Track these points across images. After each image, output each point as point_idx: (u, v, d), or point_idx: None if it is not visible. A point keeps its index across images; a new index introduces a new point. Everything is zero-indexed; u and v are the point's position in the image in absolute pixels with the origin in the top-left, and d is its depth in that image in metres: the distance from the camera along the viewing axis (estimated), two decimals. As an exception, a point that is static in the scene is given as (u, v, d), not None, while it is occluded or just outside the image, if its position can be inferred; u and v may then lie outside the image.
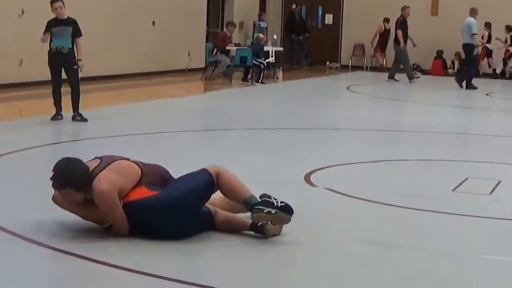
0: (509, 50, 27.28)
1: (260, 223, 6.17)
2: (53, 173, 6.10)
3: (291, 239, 6.29)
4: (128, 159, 6.43)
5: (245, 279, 5.36)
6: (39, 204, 6.93)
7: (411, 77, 23.69)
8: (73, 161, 6.23)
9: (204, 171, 6.35)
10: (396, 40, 23.71)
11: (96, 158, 6.35)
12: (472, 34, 21.55)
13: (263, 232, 6.17)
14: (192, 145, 11.24)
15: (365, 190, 8.12)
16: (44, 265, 5.69)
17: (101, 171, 6.11)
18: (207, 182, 6.28)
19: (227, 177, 6.37)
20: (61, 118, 12.52)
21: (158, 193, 6.20)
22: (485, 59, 26.96)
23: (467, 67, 22.39)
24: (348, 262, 5.87)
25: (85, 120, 12.49)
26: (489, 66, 27.19)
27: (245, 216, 6.39)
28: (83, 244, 5.94)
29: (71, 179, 6.04)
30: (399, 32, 23.40)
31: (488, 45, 26.72)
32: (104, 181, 6.03)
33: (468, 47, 21.76)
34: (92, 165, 6.19)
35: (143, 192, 6.19)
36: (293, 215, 6.80)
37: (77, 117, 12.52)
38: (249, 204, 6.25)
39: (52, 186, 6.14)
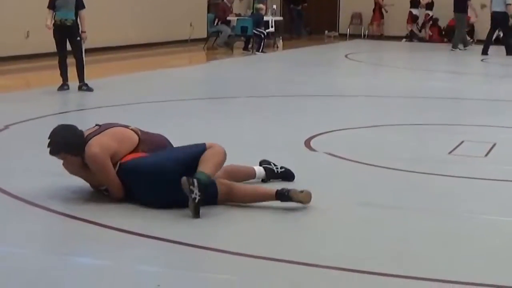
0: (429, 14, 27.70)
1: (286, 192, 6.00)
2: (48, 140, 6.12)
3: (292, 203, 6.29)
4: (127, 127, 6.41)
5: (246, 241, 5.36)
6: (46, 172, 6.93)
7: (466, 44, 23.52)
8: (66, 127, 6.26)
9: (202, 144, 6.24)
10: (457, 9, 23.32)
11: (96, 125, 6.35)
12: (507, 4, 21.43)
13: (291, 198, 5.96)
14: (195, 113, 11.20)
15: (363, 154, 8.10)
16: (51, 229, 5.70)
17: (95, 135, 6.12)
18: (199, 151, 6.12)
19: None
20: (68, 88, 12.51)
21: (151, 155, 6.19)
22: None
23: (508, 35, 22.21)
24: (347, 223, 5.87)
25: (91, 89, 12.47)
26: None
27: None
28: (89, 209, 5.95)
29: (64, 145, 6.07)
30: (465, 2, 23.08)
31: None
32: (96, 144, 6.03)
33: (503, 16, 21.61)
34: (88, 131, 6.20)
35: (138, 155, 6.20)
36: (294, 179, 6.83)
37: (83, 87, 12.51)
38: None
39: (49, 153, 6.16)
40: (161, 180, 5.94)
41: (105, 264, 4.87)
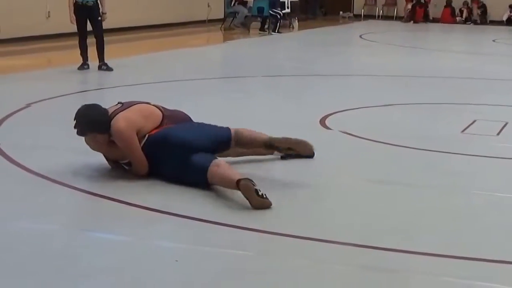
0: None
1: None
2: (75, 121, 6.12)
3: (308, 179, 6.29)
4: (149, 103, 6.42)
5: (263, 218, 5.35)
6: (67, 149, 6.95)
7: None
8: (90, 107, 6.25)
9: (226, 128, 6.32)
10: None
11: (118, 103, 6.36)
12: None
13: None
14: (212, 92, 11.20)
15: (378, 132, 8.08)
16: (73, 206, 5.71)
17: (120, 112, 6.12)
18: (225, 134, 6.24)
19: (245, 130, 6.37)
20: (88, 67, 12.52)
21: (178, 126, 6.23)
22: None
23: None
24: (361, 200, 5.86)
25: (111, 69, 12.48)
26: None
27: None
28: (110, 186, 5.96)
29: (90, 125, 6.07)
30: None
31: None
32: (122, 119, 6.04)
33: None
34: (112, 109, 6.21)
35: (164, 127, 6.22)
36: (314, 157, 6.83)
37: (103, 66, 12.52)
38: (269, 139, 6.30)
39: (76, 134, 6.16)
40: (188, 153, 5.96)
41: (125, 240, 4.88)
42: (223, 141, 6.20)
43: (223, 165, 5.84)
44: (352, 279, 4.37)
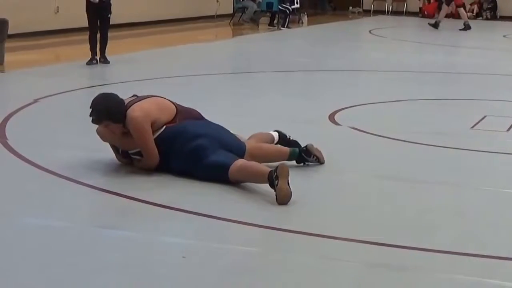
0: None
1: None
2: (90, 109, 6.13)
3: (317, 175, 6.28)
4: (164, 98, 6.44)
5: (271, 215, 5.35)
6: (75, 145, 6.95)
7: None
8: (107, 95, 6.27)
9: (243, 142, 6.34)
10: None
11: (134, 95, 6.38)
12: None
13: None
14: (220, 87, 11.20)
15: (387, 128, 8.06)
16: (83, 202, 5.70)
17: (136, 102, 6.14)
18: (241, 149, 6.22)
19: (261, 150, 6.39)
20: (97, 62, 12.55)
21: (197, 121, 6.24)
22: None
23: None
24: (371, 196, 5.85)
25: (108, 62, 12.56)
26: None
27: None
28: (120, 182, 5.97)
29: (106, 113, 6.07)
30: None
31: None
32: (138, 109, 6.07)
33: None
34: (128, 100, 6.23)
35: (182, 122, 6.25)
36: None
37: (101, 59, 12.61)
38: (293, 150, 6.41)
39: (92, 122, 6.17)
40: (206, 148, 6.00)
41: (133, 236, 4.88)
42: (238, 154, 6.16)
43: (248, 161, 5.97)
44: (361, 276, 4.36)
